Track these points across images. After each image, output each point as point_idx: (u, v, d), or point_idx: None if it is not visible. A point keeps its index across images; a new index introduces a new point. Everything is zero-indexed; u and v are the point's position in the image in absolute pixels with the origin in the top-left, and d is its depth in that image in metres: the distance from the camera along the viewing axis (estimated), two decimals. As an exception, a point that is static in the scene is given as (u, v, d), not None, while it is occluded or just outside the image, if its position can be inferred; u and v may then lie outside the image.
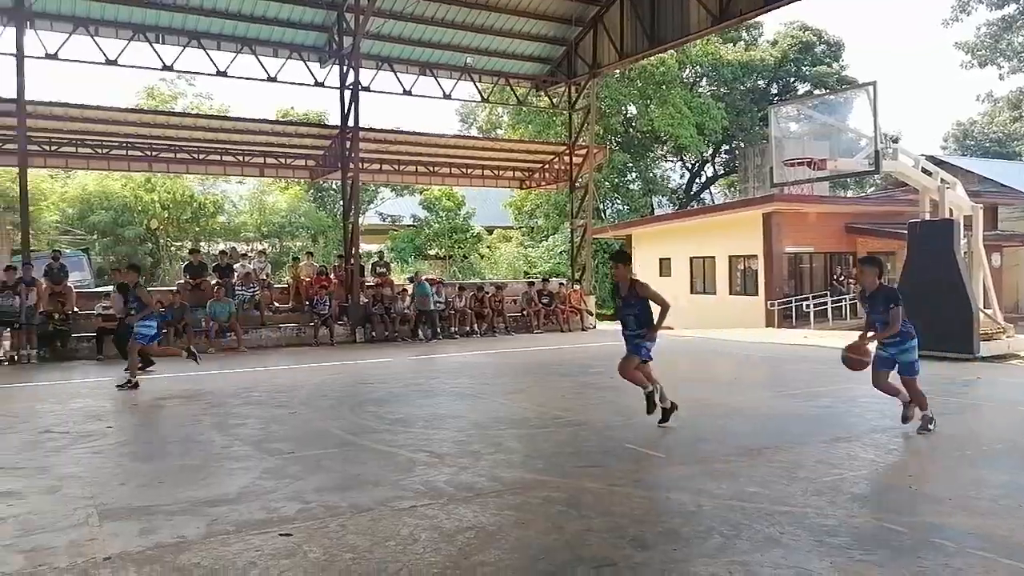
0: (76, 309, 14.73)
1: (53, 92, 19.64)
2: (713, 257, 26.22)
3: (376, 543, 4.12)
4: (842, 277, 25.07)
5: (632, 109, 39.04)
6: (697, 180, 45.98)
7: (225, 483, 5.37)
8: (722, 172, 46.20)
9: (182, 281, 17.00)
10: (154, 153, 20.13)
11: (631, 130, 39.98)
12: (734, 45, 41.62)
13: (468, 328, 18.35)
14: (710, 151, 43.30)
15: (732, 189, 44.25)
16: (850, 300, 23.90)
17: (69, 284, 15.12)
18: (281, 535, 4.24)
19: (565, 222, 28.59)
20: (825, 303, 23.51)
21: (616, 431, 7.03)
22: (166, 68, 16.99)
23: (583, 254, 22.21)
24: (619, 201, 39.86)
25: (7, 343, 13.87)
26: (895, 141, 37.43)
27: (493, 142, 26.42)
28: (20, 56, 14.65)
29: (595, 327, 20.83)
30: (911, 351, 6.65)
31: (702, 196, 45.98)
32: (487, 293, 19.04)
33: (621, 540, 4.13)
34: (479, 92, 21.72)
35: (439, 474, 5.53)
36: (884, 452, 6.17)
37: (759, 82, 42.45)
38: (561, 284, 21.34)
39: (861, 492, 5.03)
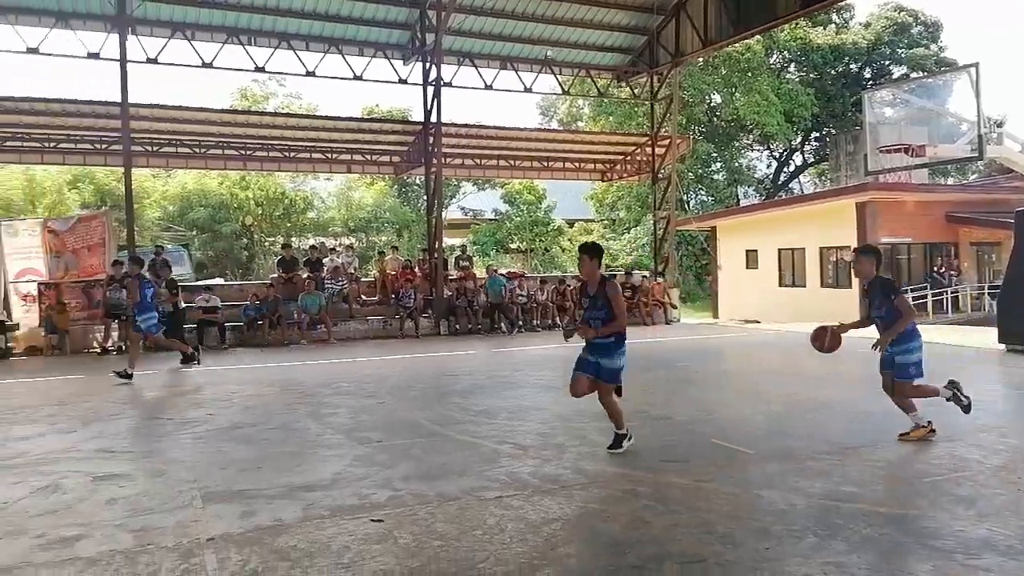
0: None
1: (154, 95, 20.62)
2: (803, 248, 25.35)
3: (463, 532, 4.20)
4: (943, 269, 23.87)
5: (716, 97, 38.16)
6: (785, 169, 44.60)
7: (319, 469, 5.55)
8: (812, 160, 44.65)
9: (276, 275, 17.66)
10: (248, 152, 20.94)
11: (715, 119, 39.11)
12: (824, 28, 40.06)
13: (550, 321, 18.39)
14: (799, 139, 41.91)
15: (822, 178, 42.69)
16: (951, 293, 22.75)
17: (171, 278, 15.86)
18: (373, 521, 4.36)
19: (647, 214, 28.25)
20: (925, 296, 22.41)
21: (700, 425, 6.92)
22: (258, 69, 17.62)
23: (666, 246, 21.88)
24: (703, 192, 39.07)
25: (115, 334, 14.71)
26: (999, 125, 35.27)
27: (574, 134, 26.29)
28: (123, 61, 15.43)
29: (679, 320, 20.53)
30: (913, 352, 6.05)
31: (790, 186, 44.57)
32: (569, 286, 19.00)
33: (710, 536, 4.07)
34: (559, 84, 21.65)
35: (523, 465, 5.57)
36: (990, 453, 5.85)
37: (851, 66, 40.70)
38: (644, 277, 21.08)
39: (965, 494, 4.78)
